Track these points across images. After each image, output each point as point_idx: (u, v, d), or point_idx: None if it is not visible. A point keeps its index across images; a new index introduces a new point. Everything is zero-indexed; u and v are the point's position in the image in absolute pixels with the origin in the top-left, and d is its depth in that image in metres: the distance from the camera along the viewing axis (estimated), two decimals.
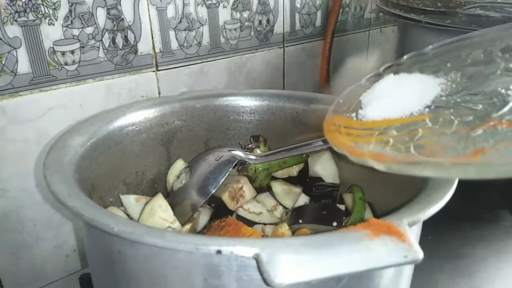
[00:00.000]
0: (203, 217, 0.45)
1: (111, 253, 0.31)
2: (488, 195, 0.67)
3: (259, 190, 0.49)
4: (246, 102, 0.54)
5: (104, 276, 0.35)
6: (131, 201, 0.43)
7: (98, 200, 0.42)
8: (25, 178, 0.53)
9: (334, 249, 0.25)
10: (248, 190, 0.47)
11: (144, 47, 0.58)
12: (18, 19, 0.47)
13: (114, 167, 0.45)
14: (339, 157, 0.52)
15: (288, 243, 0.26)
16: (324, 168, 0.50)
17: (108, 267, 0.32)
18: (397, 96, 0.39)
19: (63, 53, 0.51)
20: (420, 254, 0.25)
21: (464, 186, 0.36)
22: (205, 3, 0.63)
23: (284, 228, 0.40)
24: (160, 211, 0.40)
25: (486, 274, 0.51)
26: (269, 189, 0.50)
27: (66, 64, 0.52)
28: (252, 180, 0.49)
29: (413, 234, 0.28)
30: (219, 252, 0.25)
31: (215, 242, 0.26)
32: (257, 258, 0.25)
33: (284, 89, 0.79)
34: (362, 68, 0.96)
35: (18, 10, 0.47)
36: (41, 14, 0.49)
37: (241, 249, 0.25)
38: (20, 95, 0.50)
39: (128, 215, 0.43)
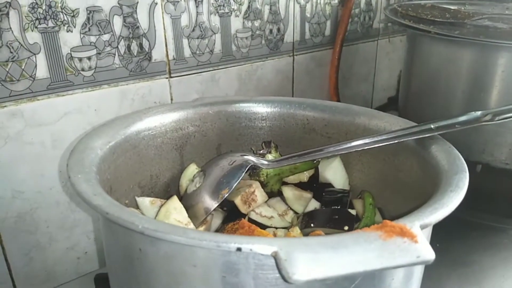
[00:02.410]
0: (216, 220, 0.46)
1: (132, 251, 0.32)
2: (496, 203, 0.68)
3: (270, 194, 0.50)
4: (258, 109, 0.55)
5: (123, 274, 0.36)
6: (146, 203, 0.44)
7: (115, 199, 0.43)
8: (40, 180, 0.54)
9: (349, 248, 0.27)
10: (260, 194, 0.48)
11: (158, 54, 0.60)
12: (39, 26, 0.49)
13: (130, 170, 0.47)
14: (349, 164, 0.53)
15: (305, 242, 0.27)
16: (334, 174, 0.51)
17: (128, 265, 0.34)
18: None
19: (80, 59, 0.53)
20: (432, 255, 0.26)
21: (473, 194, 0.37)
22: (218, 12, 0.64)
23: (296, 231, 0.41)
24: (175, 213, 0.41)
25: (494, 282, 0.52)
26: (280, 194, 0.50)
27: (82, 70, 0.53)
28: (263, 185, 0.50)
29: (425, 236, 0.29)
30: (239, 249, 0.26)
31: (235, 240, 0.27)
32: (275, 256, 0.26)
33: (293, 96, 0.81)
34: (370, 78, 0.97)
35: (39, 17, 0.49)
36: (60, 22, 0.50)
37: (260, 247, 0.26)
38: (38, 99, 0.51)
39: None
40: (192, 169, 0.51)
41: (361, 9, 0.89)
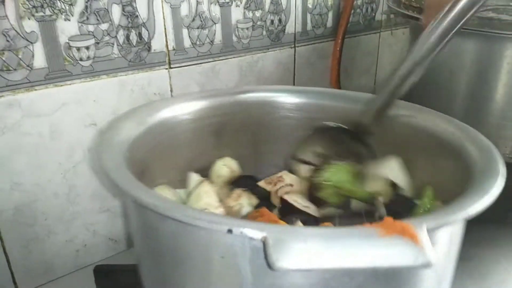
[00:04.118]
0: (247, 208, 0.46)
1: (148, 229, 0.35)
2: (499, 197, 0.67)
3: (317, 202, 0.49)
4: (295, 99, 0.54)
5: (142, 249, 0.38)
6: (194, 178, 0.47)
7: (149, 181, 0.44)
8: (38, 172, 0.53)
9: (342, 242, 0.26)
10: (288, 177, 0.48)
11: (157, 44, 0.59)
12: (35, 14, 0.48)
13: (166, 152, 0.48)
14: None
15: (297, 231, 0.27)
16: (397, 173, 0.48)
17: (146, 241, 0.36)
18: None
19: (78, 49, 0.52)
20: (431, 259, 0.25)
21: None
22: (218, 2, 0.63)
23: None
24: (206, 197, 0.43)
25: (496, 276, 0.51)
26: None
27: (81, 59, 0.52)
28: (314, 188, 0.49)
29: (440, 240, 0.28)
30: (230, 231, 0.26)
31: (228, 222, 0.27)
32: (264, 241, 0.26)
33: None
34: (371, 70, 0.96)
35: (36, 5, 0.48)
36: (58, 10, 0.49)
37: (250, 231, 0.26)
38: (36, 89, 0.50)
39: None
40: (219, 166, 0.52)
41: (363, 1, 0.88)
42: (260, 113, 0.54)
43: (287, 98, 0.54)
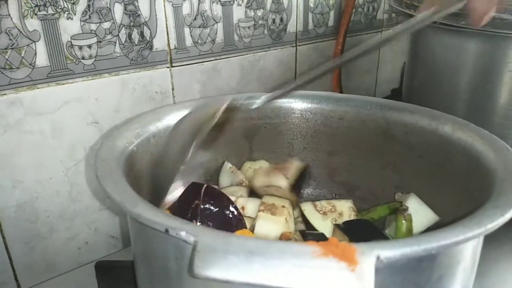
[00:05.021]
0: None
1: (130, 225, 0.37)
2: None
3: None
4: (335, 107, 0.53)
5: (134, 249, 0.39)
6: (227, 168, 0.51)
7: (178, 177, 0.46)
8: (40, 169, 0.53)
9: (269, 257, 0.24)
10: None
11: (159, 43, 0.59)
12: (38, 13, 0.48)
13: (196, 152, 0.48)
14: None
15: (230, 241, 0.25)
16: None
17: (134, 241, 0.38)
18: None
19: (80, 47, 0.52)
20: None
21: None
22: (219, 1, 0.64)
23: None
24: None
25: (497, 275, 0.51)
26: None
27: (83, 58, 0.53)
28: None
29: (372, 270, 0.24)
30: (167, 231, 0.27)
31: (167, 222, 0.28)
32: (194, 246, 0.26)
33: None
34: (373, 70, 0.96)
35: (38, 4, 0.48)
36: (60, 8, 0.50)
37: (184, 233, 0.26)
38: (38, 88, 0.50)
39: None
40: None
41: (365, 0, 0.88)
42: (299, 120, 0.54)
43: (327, 106, 0.53)
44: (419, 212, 0.47)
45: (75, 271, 0.60)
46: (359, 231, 0.45)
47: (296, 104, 0.54)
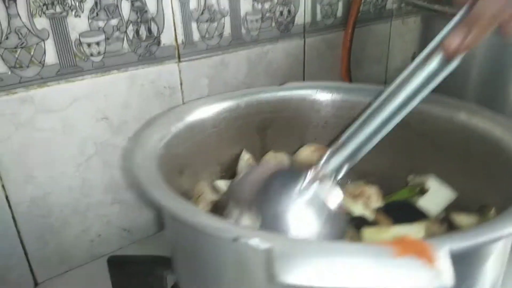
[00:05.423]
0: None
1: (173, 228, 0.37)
2: None
3: None
4: (346, 97, 0.53)
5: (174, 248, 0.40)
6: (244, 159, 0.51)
7: (191, 174, 0.47)
8: (51, 165, 0.54)
9: (351, 259, 0.24)
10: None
11: (167, 38, 0.59)
12: (46, 11, 0.49)
13: (209, 148, 0.50)
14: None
15: (304, 244, 0.26)
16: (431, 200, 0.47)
17: (176, 242, 0.38)
18: None
19: (89, 45, 0.53)
20: (447, 283, 0.23)
21: None
22: None
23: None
24: None
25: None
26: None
27: (91, 55, 0.53)
28: None
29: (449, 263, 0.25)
30: (235, 240, 0.26)
31: (234, 230, 0.27)
32: (269, 252, 0.25)
33: (304, 80, 0.80)
34: (382, 60, 0.95)
35: (46, 2, 0.48)
36: (68, 7, 0.50)
37: (256, 241, 0.26)
38: (48, 85, 0.51)
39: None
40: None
41: None
42: (310, 111, 0.54)
43: (338, 96, 0.53)
44: (440, 192, 0.47)
45: (89, 264, 0.62)
46: (401, 213, 0.46)
47: (307, 96, 0.54)
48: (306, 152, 0.54)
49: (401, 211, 0.47)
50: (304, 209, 0.38)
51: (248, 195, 0.39)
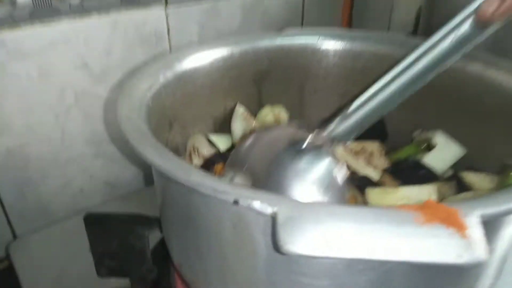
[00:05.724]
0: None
1: (165, 188, 0.34)
2: None
3: None
4: (350, 45, 0.48)
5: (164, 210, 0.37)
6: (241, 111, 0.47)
7: (181, 128, 0.44)
8: (28, 114, 0.51)
9: (367, 227, 0.21)
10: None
11: None
12: None
13: (201, 99, 0.46)
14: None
15: (313, 208, 0.22)
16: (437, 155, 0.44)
17: (167, 204, 0.35)
18: None
19: None
20: (481, 255, 0.20)
21: None
22: None
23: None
24: None
25: None
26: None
27: None
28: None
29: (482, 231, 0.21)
30: (236, 202, 0.23)
31: (235, 192, 0.24)
32: (274, 217, 0.22)
33: None
34: (386, 14, 0.90)
35: None
36: None
37: (259, 204, 0.23)
38: (21, 28, 0.47)
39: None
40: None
41: None
42: (310, 61, 0.49)
43: (340, 44, 0.48)
44: (447, 149, 0.45)
45: (71, 218, 0.59)
46: (410, 174, 0.43)
47: (307, 44, 0.50)
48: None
49: (409, 172, 0.44)
50: (303, 172, 0.34)
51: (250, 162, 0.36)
